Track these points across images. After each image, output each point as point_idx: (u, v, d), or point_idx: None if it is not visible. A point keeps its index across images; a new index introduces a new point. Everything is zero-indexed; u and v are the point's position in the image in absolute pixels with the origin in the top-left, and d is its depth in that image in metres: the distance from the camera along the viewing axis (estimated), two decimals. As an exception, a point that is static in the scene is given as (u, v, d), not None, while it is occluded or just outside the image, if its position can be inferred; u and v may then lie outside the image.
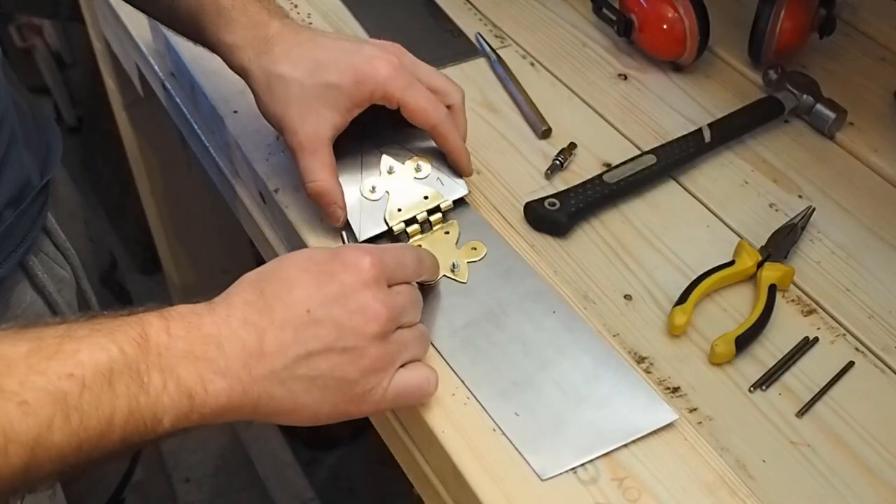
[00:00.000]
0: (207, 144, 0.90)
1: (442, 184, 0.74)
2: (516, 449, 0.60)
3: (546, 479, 0.58)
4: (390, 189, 0.73)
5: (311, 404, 0.57)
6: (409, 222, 0.72)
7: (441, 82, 0.73)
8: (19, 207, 0.72)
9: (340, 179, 0.71)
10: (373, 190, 0.73)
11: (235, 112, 0.83)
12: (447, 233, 0.73)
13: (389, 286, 0.60)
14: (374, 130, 0.74)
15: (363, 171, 0.74)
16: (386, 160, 0.74)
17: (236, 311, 0.56)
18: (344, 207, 0.71)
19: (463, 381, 0.64)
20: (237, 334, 0.55)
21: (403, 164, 0.74)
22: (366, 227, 0.72)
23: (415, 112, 0.70)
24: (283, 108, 0.69)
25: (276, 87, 0.69)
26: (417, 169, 0.74)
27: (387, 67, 0.69)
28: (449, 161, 0.74)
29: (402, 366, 0.60)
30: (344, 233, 0.72)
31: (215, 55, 0.74)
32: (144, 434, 0.51)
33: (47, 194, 0.77)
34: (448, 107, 0.72)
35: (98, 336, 0.51)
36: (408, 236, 0.72)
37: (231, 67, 0.73)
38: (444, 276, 0.70)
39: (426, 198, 0.73)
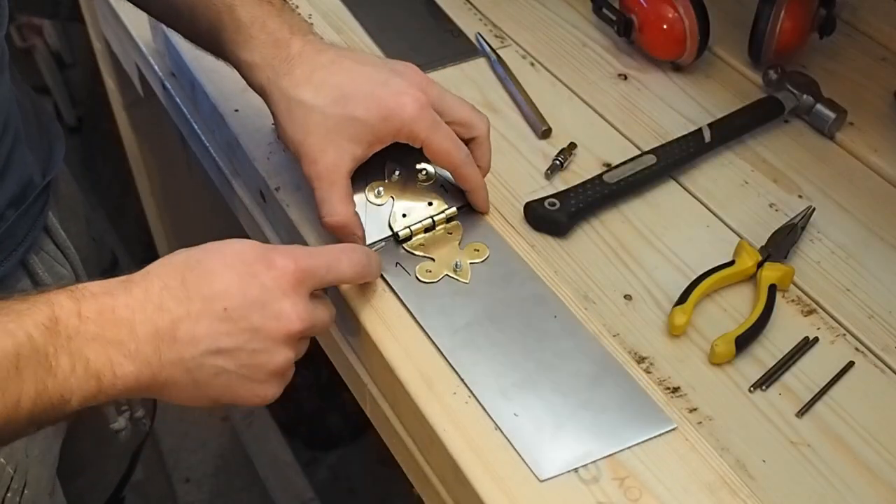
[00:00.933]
0: (207, 144, 0.90)
1: (446, 190, 0.74)
2: (515, 449, 0.60)
3: (544, 480, 0.58)
4: (395, 194, 0.73)
5: (210, 395, 0.58)
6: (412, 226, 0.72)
7: (466, 114, 0.71)
8: (21, 207, 0.72)
9: None
10: (378, 195, 0.73)
11: (236, 111, 0.83)
12: (450, 233, 0.73)
13: (317, 289, 0.61)
14: None
15: (368, 176, 0.73)
16: (391, 165, 0.74)
17: (153, 296, 0.56)
18: (363, 236, 0.70)
19: (463, 380, 0.64)
20: (151, 319, 0.55)
21: (408, 169, 0.74)
22: (370, 232, 0.71)
23: (437, 153, 0.69)
24: (303, 134, 0.68)
25: (297, 113, 0.68)
26: (422, 174, 0.74)
27: (413, 105, 0.67)
28: (468, 199, 0.74)
29: None
30: None
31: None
32: (52, 414, 0.53)
33: (49, 194, 0.77)
34: (473, 138, 0.71)
35: (5, 321, 0.52)
36: (412, 234, 0.72)
37: (250, 86, 0.71)
38: (447, 275, 0.70)
39: (430, 204, 0.73)
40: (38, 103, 0.84)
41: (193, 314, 0.56)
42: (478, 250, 0.72)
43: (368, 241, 0.71)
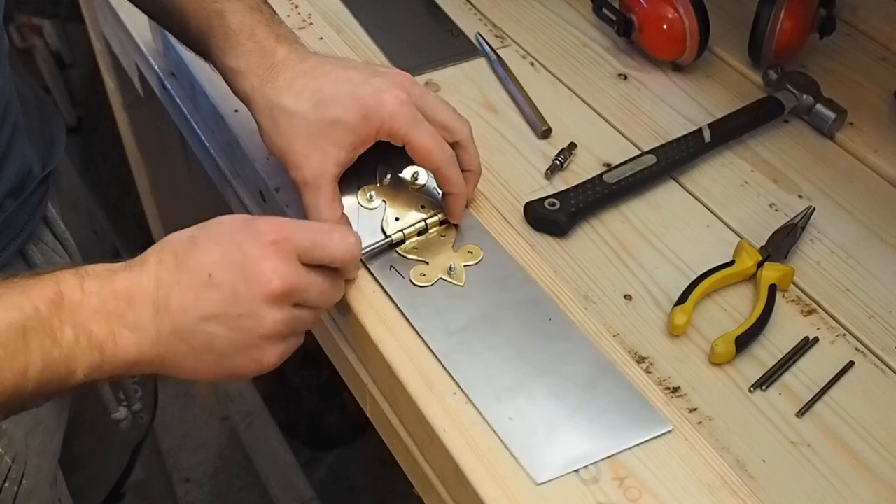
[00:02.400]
0: (207, 144, 0.90)
1: (439, 193, 0.74)
2: (510, 452, 0.60)
3: (540, 484, 0.58)
4: (387, 198, 0.73)
5: (209, 364, 0.60)
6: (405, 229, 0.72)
7: (448, 116, 0.71)
8: (20, 197, 0.73)
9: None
10: (370, 199, 0.73)
11: (236, 111, 0.83)
12: (443, 236, 0.73)
13: (305, 263, 0.61)
14: None
15: (360, 180, 0.73)
16: (383, 169, 0.74)
17: (149, 270, 0.58)
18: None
19: (458, 384, 0.63)
20: (147, 291, 0.58)
21: (400, 172, 0.73)
22: (363, 237, 0.70)
23: (419, 151, 0.68)
24: (287, 142, 0.68)
25: (280, 120, 0.68)
26: (414, 177, 0.73)
27: (393, 101, 0.67)
28: (444, 202, 0.72)
29: None
30: None
31: None
32: (59, 384, 0.56)
33: (48, 185, 0.78)
34: (456, 143, 0.71)
35: (13, 294, 0.55)
36: (405, 238, 0.72)
37: (235, 93, 0.72)
38: (441, 278, 0.70)
39: (423, 207, 0.73)
40: (40, 95, 0.84)
41: (183, 284, 0.58)
42: (472, 252, 0.72)
43: (361, 246, 0.70)
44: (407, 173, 0.73)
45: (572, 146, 0.83)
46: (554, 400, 0.63)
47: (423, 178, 0.73)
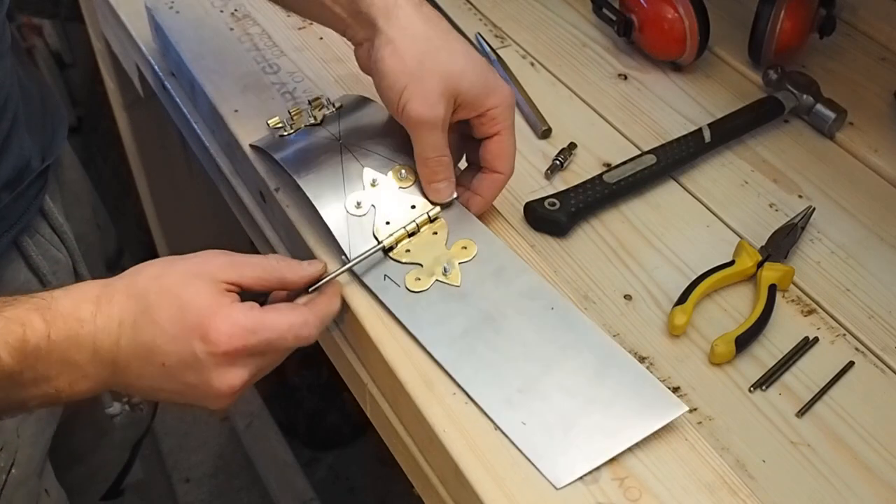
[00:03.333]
0: (207, 144, 0.90)
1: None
2: (528, 459, 0.59)
3: (560, 488, 0.58)
4: (376, 202, 0.71)
5: (164, 401, 0.64)
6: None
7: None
8: (16, 189, 0.73)
9: (324, 197, 0.70)
10: (358, 205, 0.70)
11: (236, 111, 0.83)
12: (435, 233, 0.71)
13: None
14: (353, 142, 0.73)
15: (346, 187, 0.71)
16: (368, 173, 0.71)
17: (112, 331, 0.59)
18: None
19: (467, 392, 0.62)
20: (109, 350, 0.59)
21: (386, 174, 0.71)
22: (356, 245, 0.69)
23: (503, 150, 0.69)
24: (427, 73, 0.65)
25: (425, 48, 0.65)
26: (401, 178, 0.71)
27: (512, 97, 0.69)
28: (472, 202, 0.72)
29: None
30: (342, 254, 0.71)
31: (215, 55, 0.73)
32: (10, 413, 0.60)
33: (46, 178, 0.78)
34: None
35: None
36: (396, 242, 0.70)
37: (360, 5, 0.67)
38: (437, 280, 0.69)
39: (413, 207, 0.71)
40: (44, 89, 0.84)
41: (141, 357, 0.60)
42: (465, 248, 0.70)
43: (354, 255, 0.68)
44: (392, 174, 0.71)
45: (572, 146, 0.83)
46: (566, 397, 0.61)
47: (410, 176, 0.71)
